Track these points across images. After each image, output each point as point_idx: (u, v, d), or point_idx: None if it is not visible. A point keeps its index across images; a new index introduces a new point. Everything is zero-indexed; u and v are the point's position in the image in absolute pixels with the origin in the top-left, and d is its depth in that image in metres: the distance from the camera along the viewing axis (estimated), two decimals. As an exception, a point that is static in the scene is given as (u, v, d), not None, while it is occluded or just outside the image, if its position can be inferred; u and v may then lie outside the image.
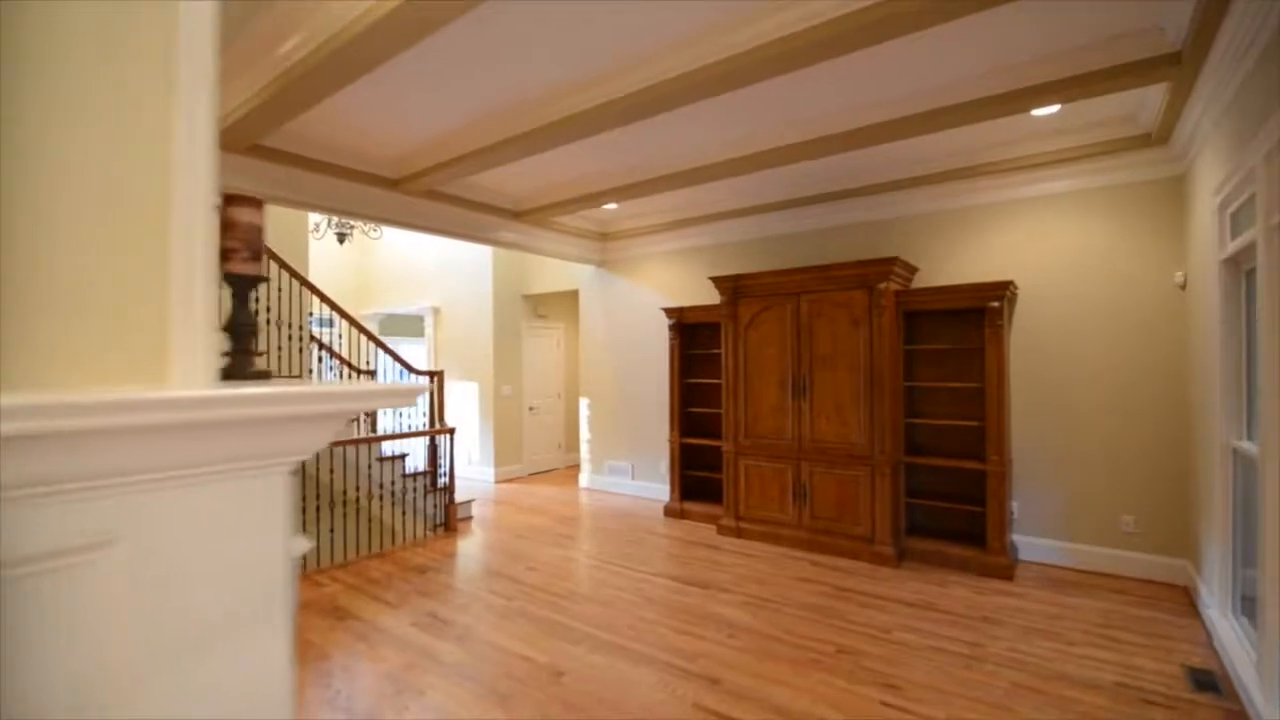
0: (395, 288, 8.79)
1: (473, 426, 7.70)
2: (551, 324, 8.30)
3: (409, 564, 4.48)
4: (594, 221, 6.42)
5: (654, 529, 5.34)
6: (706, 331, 5.89)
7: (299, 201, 4.20)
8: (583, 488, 7.05)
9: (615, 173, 4.69)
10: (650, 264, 6.52)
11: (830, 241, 5.29)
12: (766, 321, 4.93)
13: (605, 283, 6.91)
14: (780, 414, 4.84)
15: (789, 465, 4.79)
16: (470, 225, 5.36)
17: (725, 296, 5.12)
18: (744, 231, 5.79)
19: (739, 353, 5.07)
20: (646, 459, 6.50)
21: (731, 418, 5.10)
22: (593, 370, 7.03)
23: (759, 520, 4.95)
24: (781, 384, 4.84)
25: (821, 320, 4.64)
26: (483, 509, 6.16)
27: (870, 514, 4.40)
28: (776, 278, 4.82)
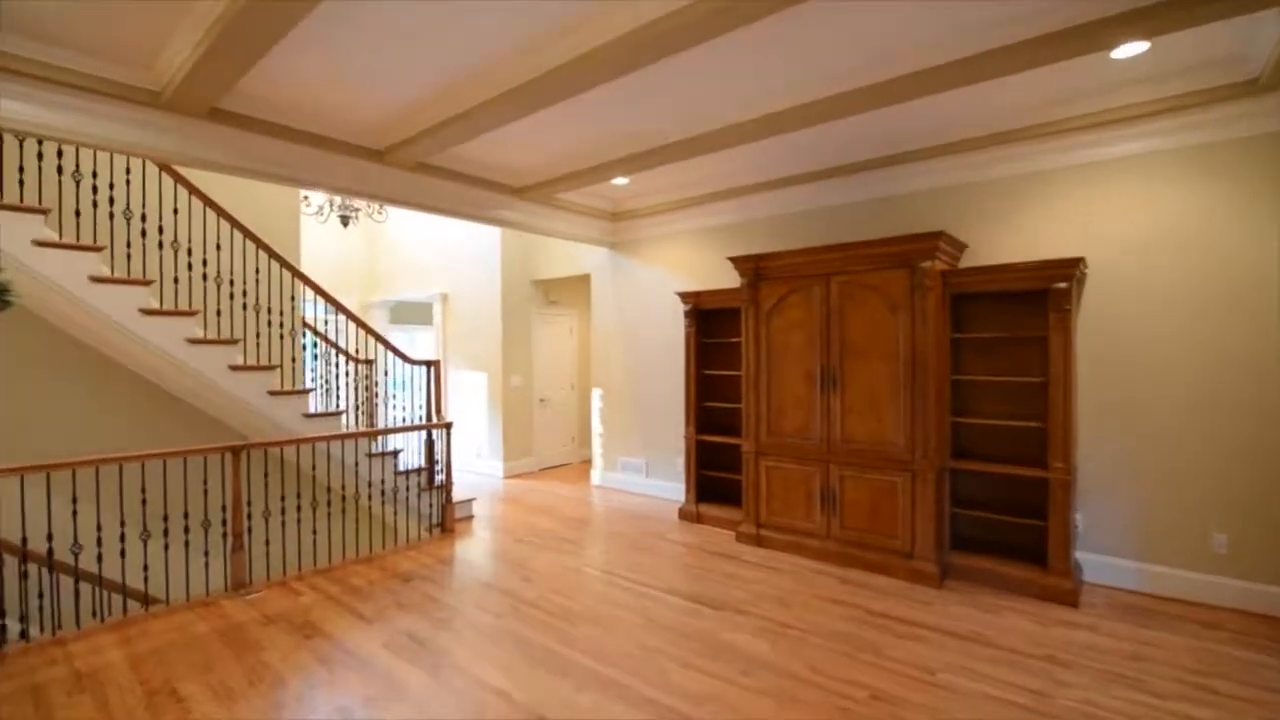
0: (405, 274, 8.46)
1: (481, 419, 7.34)
2: (564, 311, 7.87)
3: (396, 570, 4.12)
4: (605, 200, 5.94)
5: (666, 534, 4.88)
6: (725, 318, 5.38)
7: (274, 174, 3.81)
8: (594, 485, 6.63)
9: (619, 142, 4.19)
10: (665, 245, 6.02)
11: (863, 217, 4.71)
12: (792, 306, 4.39)
13: (618, 266, 6.44)
14: (807, 410, 4.32)
15: (816, 468, 4.27)
16: (468, 202, 4.93)
17: (746, 279, 4.60)
18: (766, 208, 5.24)
19: (761, 341, 4.56)
20: (662, 456, 6.04)
21: (752, 413, 4.59)
22: (605, 360, 6.58)
23: (782, 528, 4.45)
24: (808, 376, 4.31)
25: (854, 305, 4.09)
26: (486, 507, 5.78)
27: (909, 525, 3.87)
28: (803, 257, 4.28)
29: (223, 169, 3.58)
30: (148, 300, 3.74)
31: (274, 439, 4.04)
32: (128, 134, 3.23)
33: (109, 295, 3.57)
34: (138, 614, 3.44)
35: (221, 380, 4.00)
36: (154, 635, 3.19)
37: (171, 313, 3.83)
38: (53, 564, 3.23)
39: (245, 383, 4.10)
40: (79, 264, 3.46)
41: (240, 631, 3.23)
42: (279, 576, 3.99)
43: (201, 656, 2.97)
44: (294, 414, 4.32)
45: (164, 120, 3.31)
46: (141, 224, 3.75)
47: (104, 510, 3.46)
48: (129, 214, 3.72)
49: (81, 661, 2.93)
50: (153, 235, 3.88)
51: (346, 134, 3.94)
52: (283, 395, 4.27)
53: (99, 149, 3.19)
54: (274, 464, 4.06)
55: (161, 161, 3.38)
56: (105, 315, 3.55)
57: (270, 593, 3.75)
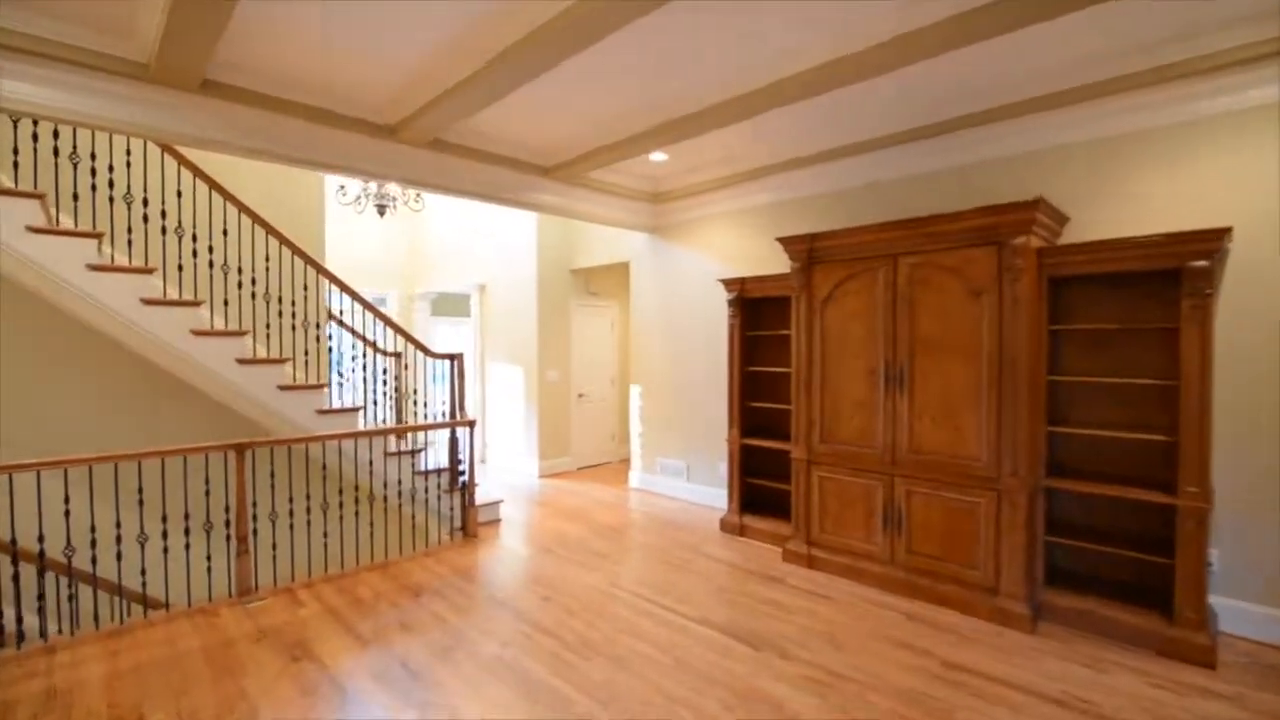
0: (445, 265, 8.26)
1: (517, 415, 7.03)
2: (604, 302, 7.45)
3: (407, 581, 3.81)
4: (644, 179, 5.46)
5: (704, 548, 4.39)
6: (773, 308, 4.81)
7: (275, 153, 3.53)
8: (632, 488, 6.20)
9: (651, 109, 3.70)
10: (708, 228, 5.48)
11: (934, 190, 4.04)
12: (851, 293, 3.79)
13: (658, 252, 5.95)
14: (868, 413, 3.72)
15: (879, 481, 3.67)
16: (493, 184, 4.56)
17: (797, 262, 4.03)
18: (820, 183, 4.63)
19: (814, 334, 3.98)
20: (704, 459, 5.54)
21: (803, 416, 4.02)
22: (644, 354, 6.12)
23: (837, 549, 3.87)
24: (870, 374, 3.71)
25: (927, 290, 3.46)
26: (516, 510, 5.45)
27: (993, 554, 3.23)
28: (865, 236, 3.67)
29: (219, 147, 3.33)
30: (149, 290, 3.56)
31: (286, 436, 3.80)
32: (116, 110, 3.00)
33: (108, 284, 3.40)
34: (136, 621, 3.25)
35: (229, 374, 3.80)
36: (142, 648, 2.98)
37: (175, 303, 3.64)
38: (44, 566, 3.07)
39: (254, 377, 3.88)
40: (76, 251, 3.29)
41: (229, 649, 2.97)
42: (287, 583, 3.75)
43: (180, 678, 2.71)
44: (307, 410, 4.09)
45: (154, 95, 3.06)
46: (144, 208, 3.57)
47: (101, 510, 3.29)
48: (130, 198, 3.55)
49: (61, 676, 2.73)
50: (155, 220, 3.70)
51: (354, 108, 3.62)
52: (294, 390, 4.04)
53: (88, 127, 2.98)
54: (289, 462, 3.82)
55: (154, 140, 3.15)
56: (104, 305, 3.38)
57: (274, 601, 3.50)
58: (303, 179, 5.05)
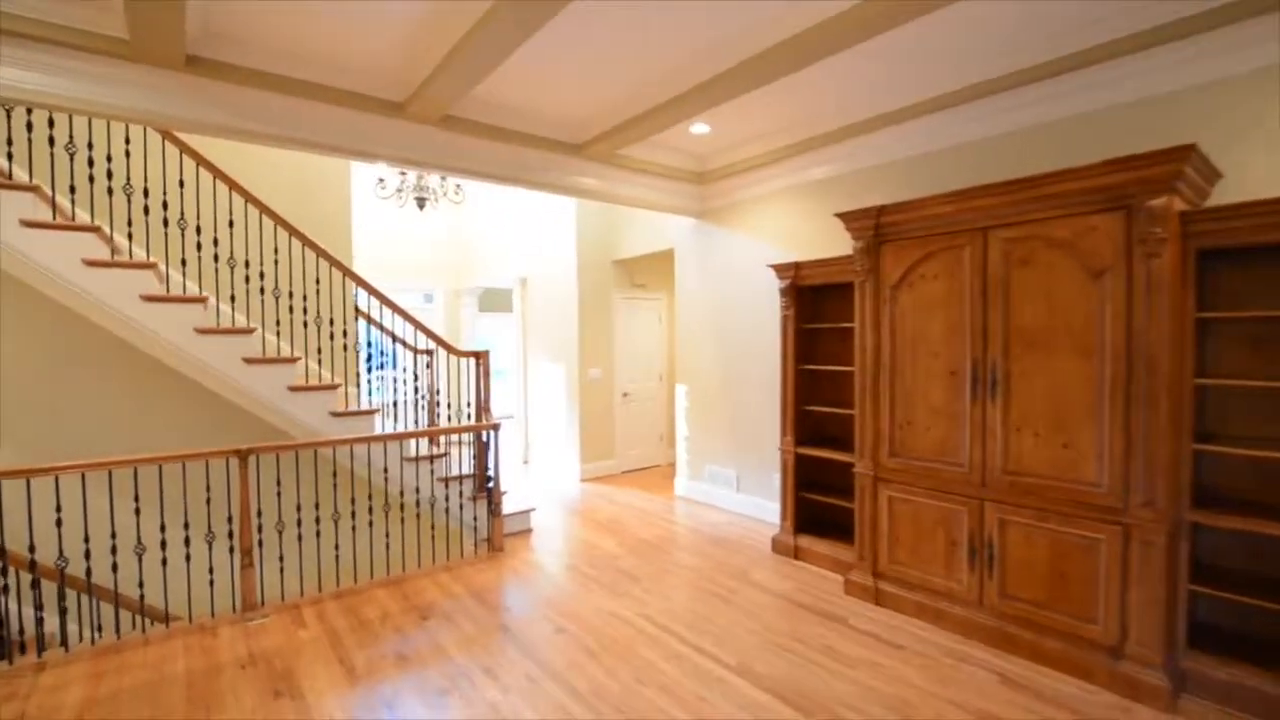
0: (489, 259, 8.02)
1: (558, 416, 6.67)
2: (651, 294, 6.96)
3: (418, 600, 3.48)
4: (687, 157, 4.93)
5: (753, 574, 3.83)
6: (834, 297, 4.18)
7: (276, 136, 3.25)
8: (678, 496, 5.70)
9: (683, 65, 3.18)
10: (759, 209, 4.88)
11: (1032, 149, 3.29)
12: (928, 277, 3.14)
13: (704, 238, 5.40)
14: (949, 423, 3.07)
15: (963, 506, 3.02)
16: (519, 165, 4.16)
17: (861, 241, 3.40)
18: (887, 149, 3.94)
19: (881, 326, 3.34)
20: (756, 467, 4.96)
21: (869, 424, 3.40)
22: (690, 351, 5.59)
23: (911, 584, 3.24)
24: (952, 376, 3.05)
25: (1028, 271, 2.78)
26: (550, 517, 5.07)
27: (1117, 606, 2.53)
28: (947, 205, 3.01)
29: (211, 129, 3.07)
30: (150, 286, 3.37)
31: (297, 439, 3.55)
32: (97, 92, 2.78)
33: (105, 281, 3.23)
34: (132, 639, 3.05)
35: (235, 374, 3.58)
36: (128, 671, 2.76)
37: (177, 299, 3.44)
38: (36, 576, 2.91)
39: (262, 377, 3.65)
40: (71, 246, 3.13)
41: (212, 678, 2.70)
42: (294, 598, 3.50)
43: (151, 710, 2.45)
44: (319, 412, 3.83)
45: (136, 74, 2.82)
46: (144, 200, 3.39)
47: (96, 518, 3.11)
48: (129, 189, 3.37)
49: (37, 700, 2.53)
50: (156, 212, 3.51)
51: (355, 81, 3.30)
52: (306, 391, 3.79)
53: (67, 111, 2.77)
54: (296, 469, 3.58)
55: (140, 123, 2.92)
56: (102, 303, 3.21)
57: (276, 620, 3.25)
58: (327, 168, 4.84)
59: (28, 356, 3.55)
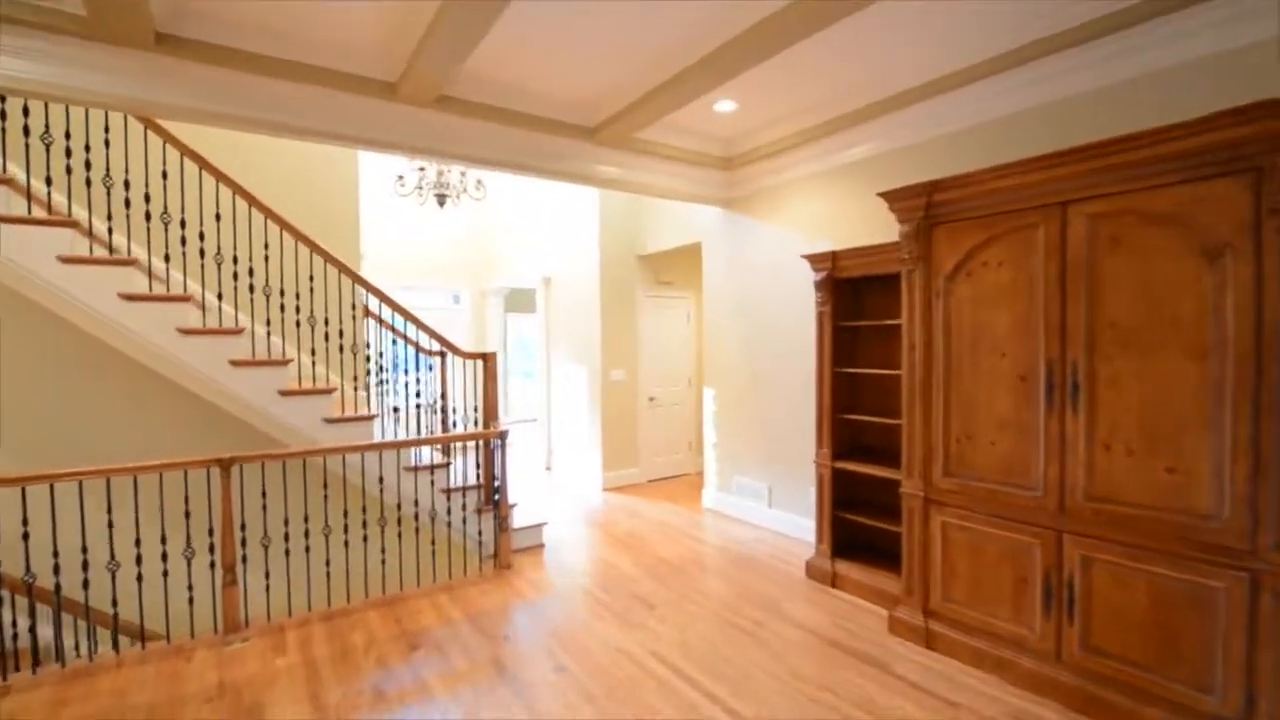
0: (513, 257, 7.76)
1: (581, 421, 6.33)
2: (678, 292, 6.55)
3: (412, 625, 3.17)
4: (713, 141, 4.51)
5: (784, 604, 3.39)
6: (876, 289, 3.70)
7: (258, 121, 3.00)
8: (705, 508, 5.28)
9: (690, 33, 2.78)
10: (791, 195, 4.43)
11: (1125, 104, 2.76)
12: (991, 264, 2.65)
13: (732, 229, 4.97)
14: (1018, 437, 2.57)
15: (1036, 538, 2.52)
16: (527, 151, 3.83)
17: (909, 224, 2.93)
18: (935, 121, 3.45)
19: (934, 323, 2.86)
20: (790, 481, 4.50)
21: (919, 437, 2.92)
22: (718, 351, 5.17)
23: (970, 627, 2.75)
24: (1022, 380, 2.55)
25: (1120, 253, 2.27)
26: (566, 530, 4.73)
27: (1241, 670, 2.01)
28: (1015, 177, 2.52)
29: (187, 115, 2.85)
30: (131, 283, 3.18)
31: (288, 447, 3.31)
32: (63, 75, 2.57)
33: (82, 278, 3.04)
34: (106, 661, 2.84)
35: (221, 378, 3.36)
36: (91, 699, 2.54)
37: (159, 298, 3.24)
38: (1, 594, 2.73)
39: (250, 380, 3.42)
40: (46, 241, 2.95)
41: (174, 711, 2.45)
42: (281, 617, 3.25)
43: (95, 755, 2.21)
44: (312, 418, 3.59)
45: (103, 56, 2.61)
46: (125, 192, 3.20)
47: (65, 531, 2.91)
48: (109, 181, 3.18)
49: (-15, 734, 2.32)
50: (139, 205, 3.31)
51: (341, 60, 3.02)
52: (297, 396, 3.55)
53: (30, 96, 2.57)
54: (284, 479, 3.33)
55: (109, 108, 2.72)
56: (78, 301, 3.03)
57: (257, 643, 2.99)
58: (333, 159, 4.64)
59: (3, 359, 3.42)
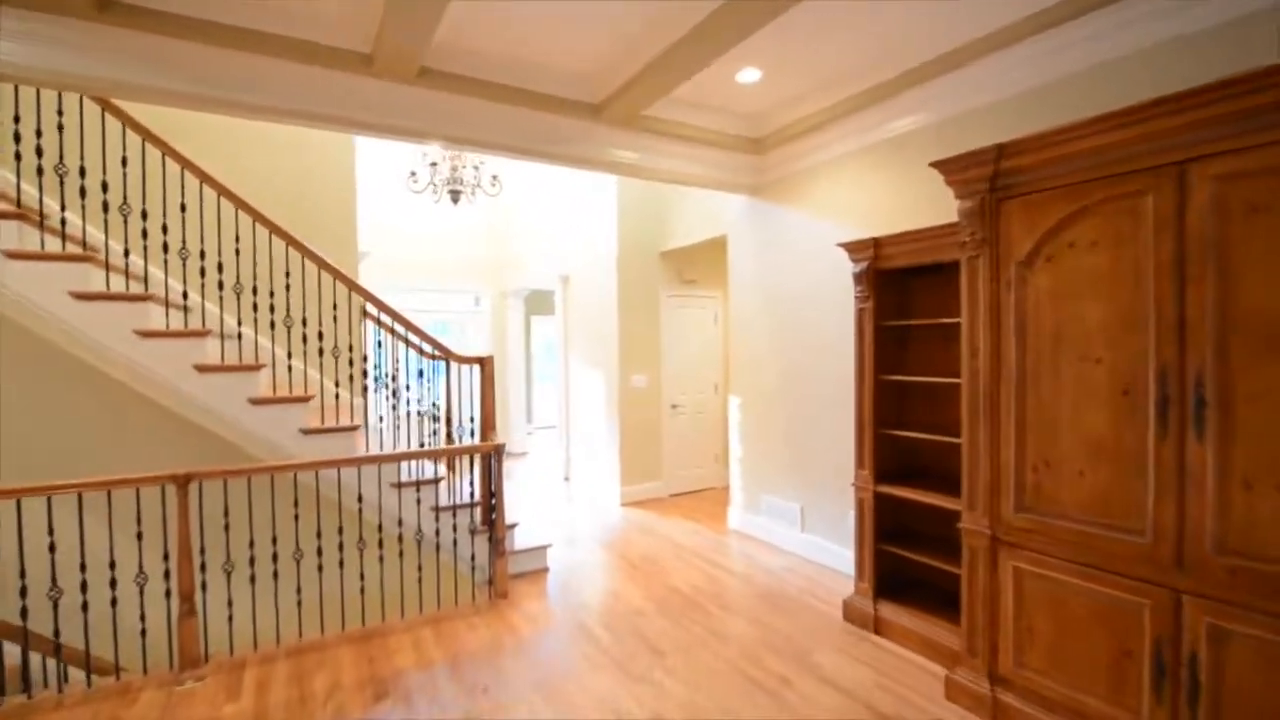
0: (533, 257, 7.42)
1: (598, 429, 5.90)
2: (704, 291, 6.07)
3: (383, 668, 2.79)
4: (738, 119, 4.02)
5: (815, 654, 2.87)
6: (928, 282, 3.15)
7: (225, 101, 2.69)
8: (731, 529, 4.77)
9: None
10: (826, 179, 3.90)
11: (1241, 44, 2.16)
12: (1082, 245, 2.10)
13: (761, 219, 4.47)
14: (1119, 466, 2.01)
15: (1144, 597, 1.95)
16: (530, 133, 3.44)
17: (971, 199, 2.39)
18: (995, 82, 2.89)
19: (1004, 320, 2.32)
20: (825, 502, 3.97)
21: (984, 460, 2.38)
22: (744, 355, 4.66)
23: (1050, 701, 2.19)
24: (1124, 393, 1.99)
25: (1262, 224, 1.70)
26: (576, 553, 4.29)
27: None
28: (1115, 130, 1.97)
29: (138, 93, 2.55)
30: (85, 281, 2.90)
31: (255, 464, 2.98)
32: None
33: (27, 274, 2.77)
34: (45, 699, 2.55)
35: (186, 385, 3.06)
36: (9, 752, 2.23)
37: (114, 297, 2.95)
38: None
39: (217, 387, 3.11)
40: (-11, 234, 2.70)
41: (88, 776, 2.11)
42: (246, 651, 2.91)
43: (-16, 832, 1.87)
44: (288, 429, 3.25)
45: (42, 26, 2.32)
46: (81, 180, 2.93)
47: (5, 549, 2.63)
48: (63, 169, 2.92)
49: (-121, 795, 2.02)
50: (95, 194, 3.02)
51: (307, 28, 2.68)
52: (270, 404, 3.22)
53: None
54: (248, 496, 3.00)
55: (45, 85, 2.43)
56: (25, 301, 2.76)
57: (212, 683, 2.66)
58: (328, 149, 4.34)
59: None
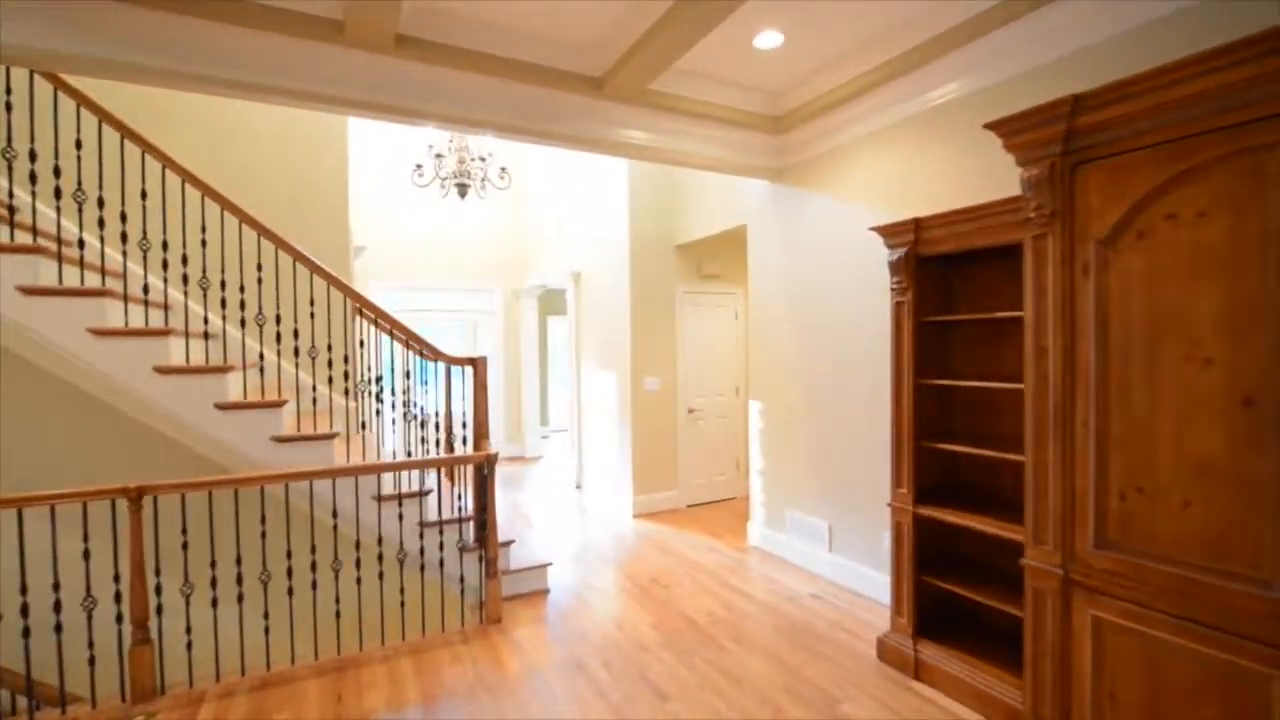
0: (545, 254, 7.11)
1: (610, 435, 5.55)
2: (724, 287, 5.67)
3: (352, 709, 2.47)
4: (758, 95, 3.63)
5: (844, 705, 2.47)
6: (979, 269, 2.72)
7: (182, 74, 2.42)
8: (751, 546, 4.37)
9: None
10: (857, 158, 3.48)
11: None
12: (1185, 217, 1.66)
13: (784, 206, 4.06)
14: (1240, 495, 1.57)
15: (1276, 667, 1.51)
16: (525, 109, 3.12)
17: (1038, 165, 1.96)
18: (1055, 36, 2.44)
19: (1080, 312, 1.89)
20: (856, 519, 3.54)
21: (1055, 483, 1.95)
22: (766, 355, 4.26)
23: (1143, 787, 1.75)
24: (1249, 404, 1.55)
25: None
26: (580, 572, 3.94)
27: None
28: (1226, 68, 1.53)
29: (78, 65, 2.27)
30: (31, 276, 2.66)
31: (215, 476, 2.70)
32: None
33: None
34: (-20, 736, 2.31)
35: (147, 389, 2.80)
36: (-81, 805, 1.97)
37: (65, 292, 2.70)
38: None
39: (179, 391, 2.84)
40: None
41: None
42: (208, 683, 2.63)
43: None
44: (259, 438, 2.97)
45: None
46: (31, 164, 2.68)
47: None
48: (11, 153, 2.67)
49: None
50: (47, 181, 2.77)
51: (265, -17, 2.38)
52: (239, 410, 2.94)
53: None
54: (209, 512, 2.72)
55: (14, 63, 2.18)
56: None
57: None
58: (315, 135, 4.08)
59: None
